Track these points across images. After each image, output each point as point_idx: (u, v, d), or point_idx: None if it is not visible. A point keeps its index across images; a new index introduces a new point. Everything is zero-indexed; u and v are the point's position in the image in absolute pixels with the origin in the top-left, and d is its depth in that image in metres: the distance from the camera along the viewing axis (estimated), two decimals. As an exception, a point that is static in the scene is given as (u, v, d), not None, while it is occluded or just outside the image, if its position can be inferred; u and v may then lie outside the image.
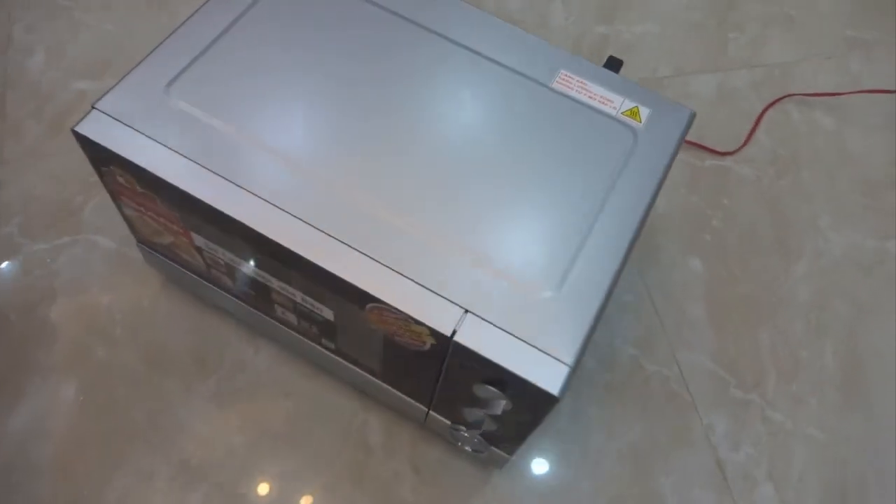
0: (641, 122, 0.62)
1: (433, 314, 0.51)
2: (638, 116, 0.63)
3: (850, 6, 1.14)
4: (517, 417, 0.56)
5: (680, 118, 0.63)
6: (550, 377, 0.49)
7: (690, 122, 0.64)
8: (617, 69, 0.67)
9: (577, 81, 0.64)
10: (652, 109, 0.63)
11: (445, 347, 0.52)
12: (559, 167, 0.59)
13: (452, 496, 0.72)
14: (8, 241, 0.81)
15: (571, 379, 0.50)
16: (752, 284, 0.87)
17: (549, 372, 0.49)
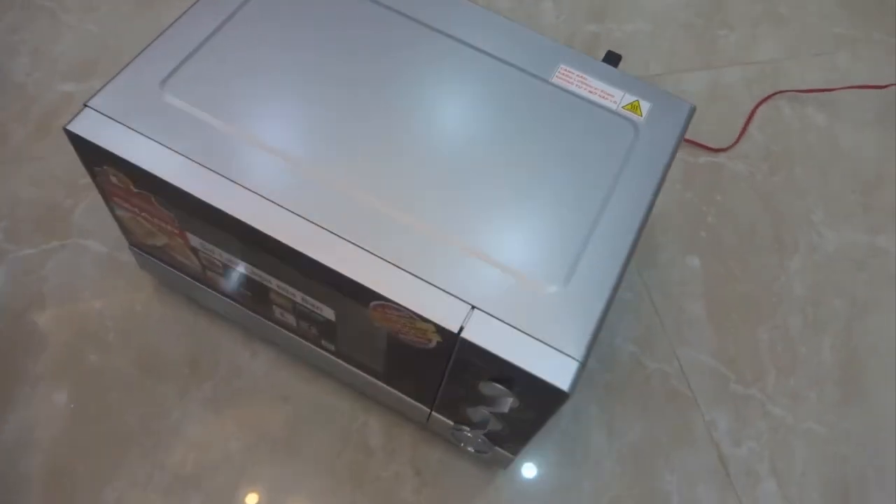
0: (642, 115, 0.62)
1: (439, 311, 0.50)
2: (639, 110, 0.62)
3: (835, 5, 1.15)
4: (524, 415, 0.55)
5: (680, 112, 0.63)
6: (560, 373, 0.48)
7: (691, 115, 0.63)
8: (615, 64, 0.66)
9: (576, 76, 0.63)
10: (652, 103, 0.63)
11: (452, 345, 0.51)
12: (561, 161, 0.58)
13: (454, 497, 0.71)
14: (-6, 246, 0.79)
15: (581, 374, 0.49)
16: (748, 280, 0.87)
17: (558, 367, 0.49)
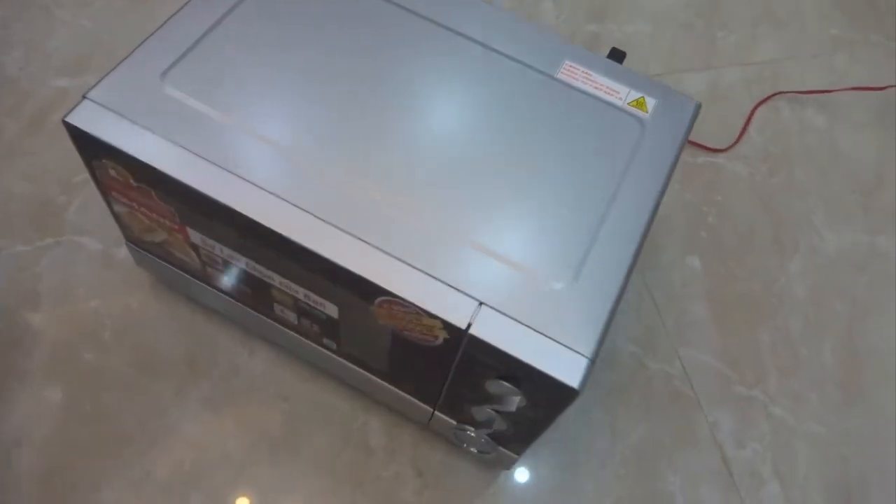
0: (648, 112, 0.62)
1: (447, 307, 0.49)
2: (644, 107, 0.62)
3: (831, 7, 1.15)
4: (531, 414, 0.54)
5: (686, 109, 0.63)
6: (570, 370, 0.48)
7: (696, 112, 0.63)
8: (620, 60, 0.66)
9: (582, 72, 0.63)
10: (658, 100, 0.62)
11: (459, 342, 0.50)
12: (568, 157, 0.58)
13: (456, 498, 0.70)
14: (-14, 242, 0.78)
15: (591, 371, 0.48)
16: (750, 281, 0.86)
17: (568, 364, 0.48)
